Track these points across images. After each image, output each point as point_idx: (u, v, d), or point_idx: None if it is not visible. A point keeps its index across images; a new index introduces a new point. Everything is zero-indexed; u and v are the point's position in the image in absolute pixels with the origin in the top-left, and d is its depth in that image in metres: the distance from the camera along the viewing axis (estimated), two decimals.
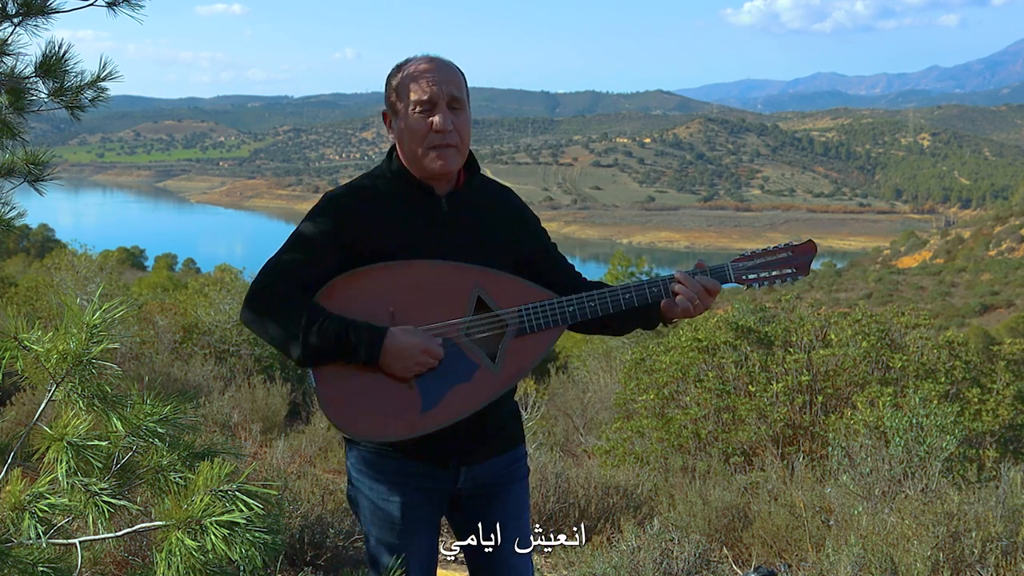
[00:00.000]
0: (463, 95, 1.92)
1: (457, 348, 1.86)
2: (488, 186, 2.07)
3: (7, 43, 2.25)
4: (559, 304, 1.92)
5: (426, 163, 1.90)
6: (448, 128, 1.87)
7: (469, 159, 2.00)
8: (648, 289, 1.95)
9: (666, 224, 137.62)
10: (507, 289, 1.91)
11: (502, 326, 1.89)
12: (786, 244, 2.05)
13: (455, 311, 1.87)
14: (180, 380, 7.12)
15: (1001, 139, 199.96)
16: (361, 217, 1.90)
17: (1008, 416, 5.36)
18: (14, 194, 2.56)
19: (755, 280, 2.03)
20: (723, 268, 2.01)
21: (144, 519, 1.67)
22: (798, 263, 2.04)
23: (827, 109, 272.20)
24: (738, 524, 4.06)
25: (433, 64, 1.91)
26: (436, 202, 1.94)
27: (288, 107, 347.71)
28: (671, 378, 5.96)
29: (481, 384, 1.87)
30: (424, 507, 1.98)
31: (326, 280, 1.86)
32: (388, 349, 1.79)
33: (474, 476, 2.00)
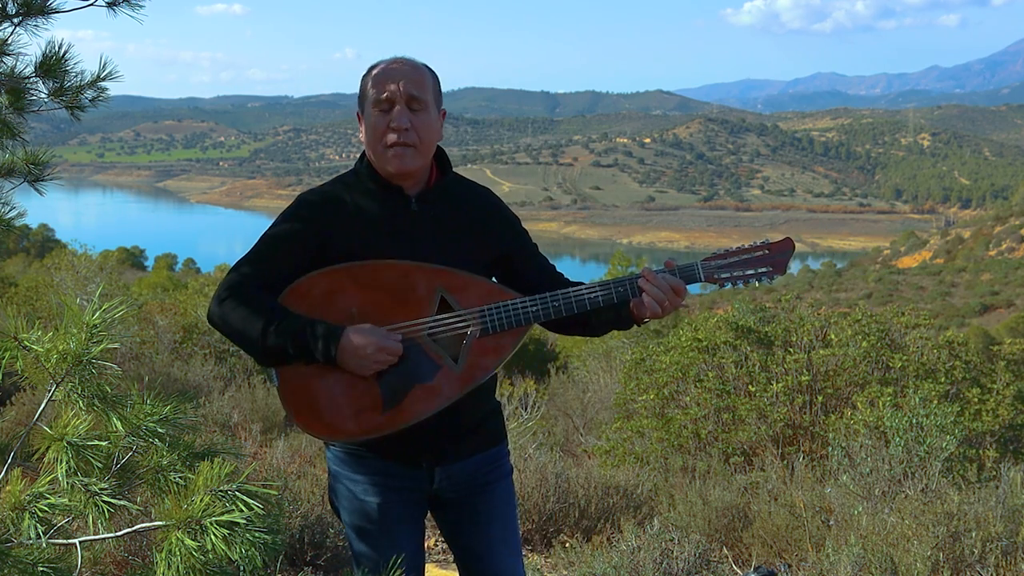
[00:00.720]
0: (425, 95, 1.90)
1: (419, 348, 1.86)
2: (463, 186, 2.06)
3: (7, 43, 2.25)
4: (522, 304, 1.90)
5: (382, 162, 1.91)
6: (404, 126, 1.86)
7: (442, 159, 2.00)
8: (615, 289, 1.92)
9: (666, 224, 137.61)
10: (471, 289, 1.89)
11: (465, 326, 1.88)
12: (763, 242, 1.99)
13: (418, 311, 1.87)
14: (180, 380, 7.12)
15: (1001, 139, 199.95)
16: (330, 218, 1.91)
17: (1008, 416, 5.36)
18: (14, 194, 2.56)
19: (727, 279, 1.97)
20: (692, 267, 1.96)
21: (144, 519, 1.67)
22: (774, 261, 1.97)
23: (827, 109, 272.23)
24: (738, 524, 4.06)
25: (397, 64, 1.92)
26: (405, 202, 1.94)
27: (288, 107, 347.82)
28: (671, 378, 5.96)
29: (443, 384, 1.86)
30: (401, 506, 1.98)
31: (292, 279, 1.87)
32: (345, 348, 1.79)
33: (450, 476, 1.99)
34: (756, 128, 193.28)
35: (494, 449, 2.07)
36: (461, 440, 1.99)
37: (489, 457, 2.06)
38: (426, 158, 1.94)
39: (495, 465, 2.07)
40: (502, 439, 2.11)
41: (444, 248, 1.93)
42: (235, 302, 1.84)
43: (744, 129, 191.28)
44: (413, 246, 1.91)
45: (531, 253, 2.08)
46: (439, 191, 1.98)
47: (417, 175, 1.95)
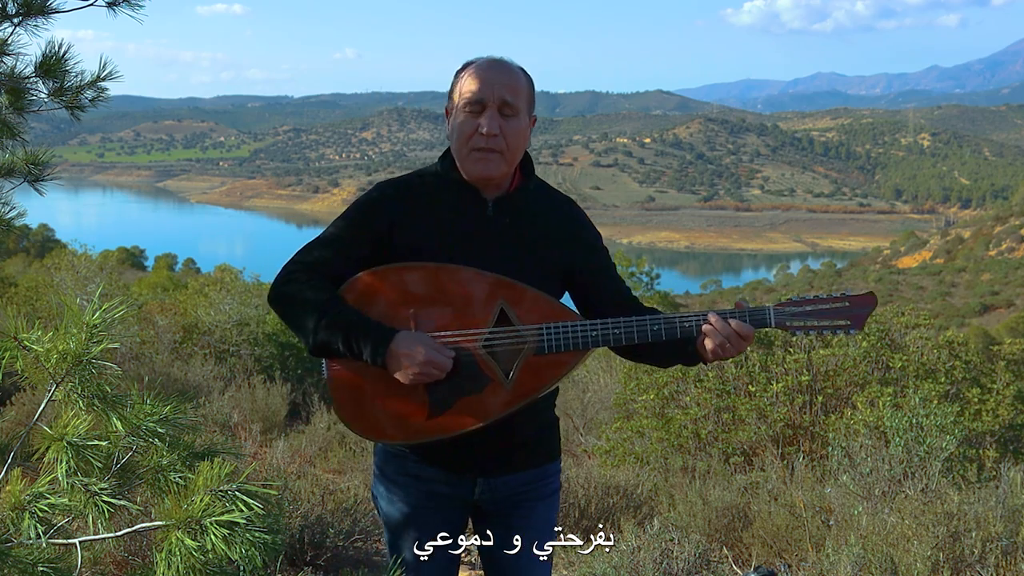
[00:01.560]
0: (519, 102, 1.84)
1: (472, 359, 1.81)
2: (546, 194, 1.98)
3: (7, 43, 2.25)
4: (582, 327, 1.83)
5: (467, 165, 1.85)
6: (494, 132, 1.80)
7: (526, 164, 1.94)
8: (679, 324, 1.83)
9: (666, 224, 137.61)
10: (533, 305, 1.83)
11: (521, 342, 1.82)
12: (843, 293, 1.88)
13: (477, 321, 1.82)
14: (180, 380, 7.12)
15: (1001, 139, 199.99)
16: (402, 211, 1.86)
17: (1008, 416, 5.36)
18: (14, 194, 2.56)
19: (800, 328, 1.86)
20: (764, 312, 1.85)
21: (144, 519, 1.67)
22: (853, 315, 1.86)
23: (827, 109, 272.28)
24: (738, 524, 4.06)
25: (494, 65, 1.85)
26: (482, 205, 1.89)
27: (288, 107, 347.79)
28: (671, 378, 5.96)
29: (491, 398, 1.81)
30: (440, 512, 1.94)
31: (358, 269, 1.83)
32: (393, 352, 1.74)
33: (492, 488, 1.94)
34: (756, 128, 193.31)
35: (544, 466, 2.01)
36: (509, 454, 1.94)
37: (535, 475, 1.99)
38: (511, 165, 1.88)
39: (541, 483, 2.01)
40: (553, 458, 2.04)
41: (514, 257, 1.87)
42: (294, 287, 1.80)
43: (744, 129, 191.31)
44: (482, 252, 1.85)
45: (605, 272, 1.99)
46: (518, 198, 1.92)
47: (499, 180, 1.89)
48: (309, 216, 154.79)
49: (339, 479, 5.08)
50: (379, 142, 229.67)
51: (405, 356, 1.74)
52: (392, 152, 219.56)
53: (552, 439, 2.04)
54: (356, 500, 4.07)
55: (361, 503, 4.08)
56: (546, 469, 2.01)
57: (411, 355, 1.74)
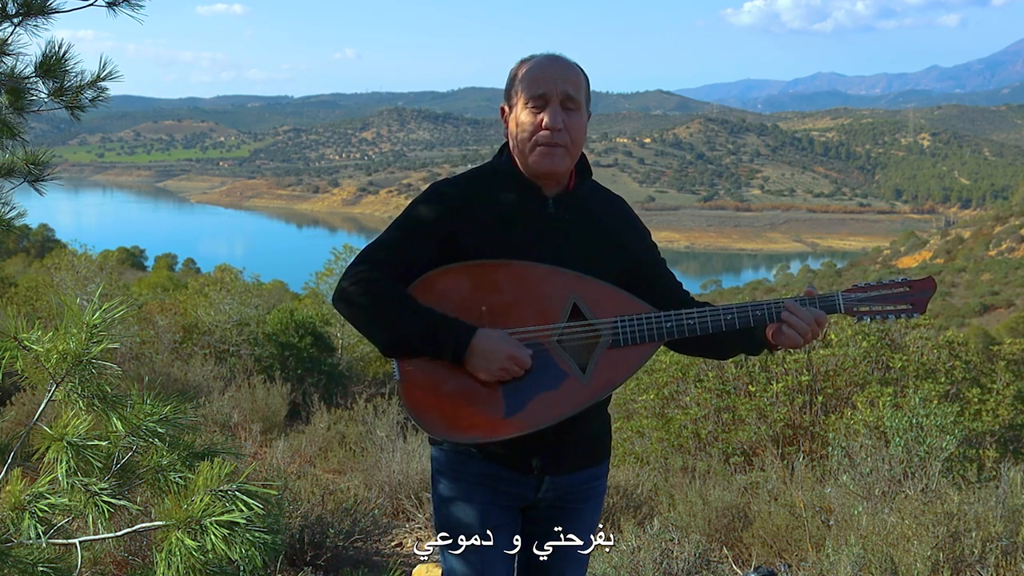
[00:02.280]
0: (580, 96, 1.86)
1: (547, 354, 1.80)
2: (600, 192, 2.00)
3: (7, 43, 2.25)
4: (657, 319, 1.84)
5: (531, 160, 1.85)
6: (558, 126, 1.81)
7: (582, 162, 1.95)
8: (752, 312, 1.85)
9: (666, 224, 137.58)
10: (604, 298, 1.83)
11: (596, 336, 1.82)
12: (904, 279, 1.95)
13: (549, 316, 1.81)
14: (180, 380, 7.11)
15: (1001, 139, 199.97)
16: (465, 210, 1.86)
17: (1008, 416, 5.36)
18: (14, 194, 2.56)
19: (867, 313, 1.92)
20: (833, 298, 1.90)
21: (144, 519, 1.67)
22: (915, 299, 1.94)
23: (827, 109, 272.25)
24: (738, 524, 4.06)
25: (554, 61, 1.87)
26: (543, 202, 1.89)
27: (288, 107, 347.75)
28: (671, 378, 5.96)
29: (568, 393, 1.80)
30: (500, 512, 1.92)
31: (423, 270, 1.82)
32: (475, 349, 1.74)
33: (556, 487, 1.93)
34: (756, 128, 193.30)
35: (599, 466, 2.02)
36: (575, 451, 1.93)
37: (593, 473, 2.00)
38: (574, 159, 1.89)
39: (595, 483, 2.01)
40: (607, 455, 2.06)
41: (578, 253, 1.87)
42: (364, 287, 1.79)
43: (744, 129, 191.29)
44: (547, 248, 1.85)
45: (661, 268, 2.02)
46: (577, 195, 1.93)
47: (560, 176, 1.89)
48: (309, 216, 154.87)
49: (339, 479, 5.08)
50: (379, 142, 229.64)
51: (488, 353, 1.75)
52: (392, 152, 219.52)
53: (608, 437, 2.05)
54: (356, 500, 4.07)
55: (361, 503, 4.08)
56: (601, 467, 2.03)
57: (493, 351, 1.75)
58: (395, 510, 4.62)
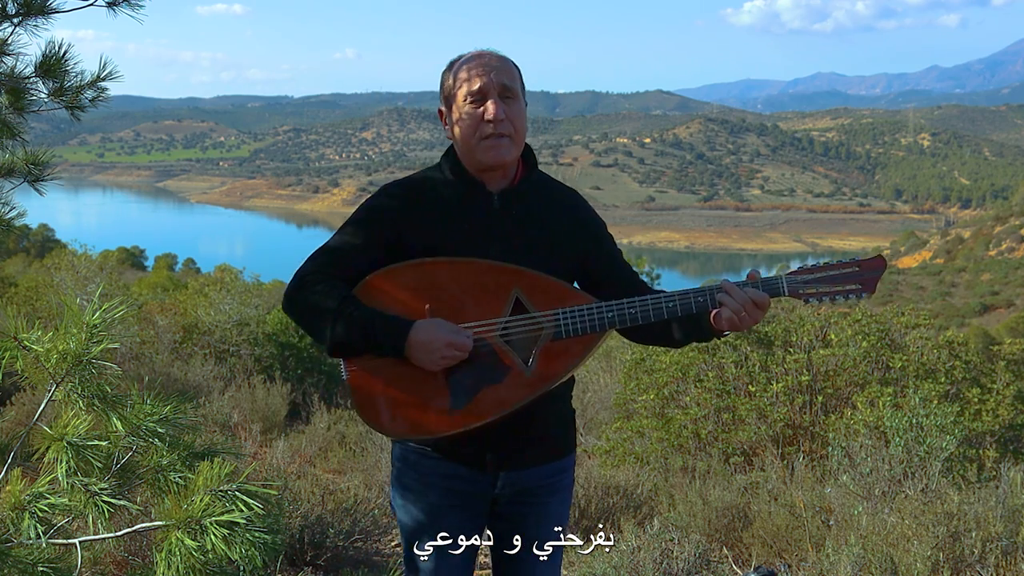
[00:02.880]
0: (516, 85, 1.89)
1: (491, 349, 1.82)
2: (549, 185, 2.01)
3: (7, 43, 2.25)
4: (598, 309, 1.85)
5: (479, 154, 1.87)
6: (500, 117, 1.84)
7: (528, 156, 1.96)
8: (693, 298, 1.85)
9: (666, 224, 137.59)
10: (547, 292, 1.85)
11: (538, 329, 1.84)
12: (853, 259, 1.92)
13: (492, 311, 1.83)
14: (180, 380, 7.11)
15: (1001, 139, 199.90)
16: (410, 211, 1.89)
17: (1008, 416, 5.36)
18: (14, 194, 2.56)
19: (813, 295, 1.89)
20: (777, 281, 1.88)
21: (144, 519, 1.67)
22: (864, 279, 1.89)
23: (827, 109, 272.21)
24: (738, 524, 4.06)
25: (484, 56, 1.90)
26: (488, 198, 1.91)
27: (288, 107, 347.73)
28: (671, 378, 5.96)
29: (513, 386, 1.82)
30: (461, 510, 1.94)
31: (369, 271, 1.85)
32: (413, 341, 1.76)
33: (513, 482, 1.95)
34: (756, 128, 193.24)
35: (562, 460, 2.02)
36: (530, 446, 1.94)
37: (554, 468, 2.00)
38: (520, 149, 1.92)
39: (558, 476, 2.02)
40: (571, 449, 2.05)
41: (523, 248, 1.89)
42: (309, 290, 1.82)
43: (744, 129, 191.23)
44: (492, 244, 1.87)
45: (613, 259, 2.03)
46: (523, 188, 1.95)
47: (506, 169, 1.92)
48: (309, 216, 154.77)
49: (339, 479, 5.08)
50: (379, 142, 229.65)
51: (427, 341, 1.77)
52: (392, 152, 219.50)
53: (570, 431, 2.05)
54: (356, 500, 4.07)
55: (361, 503, 4.08)
56: (564, 462, 2.03)
57: (433, 339, 1.77)
58: None
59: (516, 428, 1.88)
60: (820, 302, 1.90)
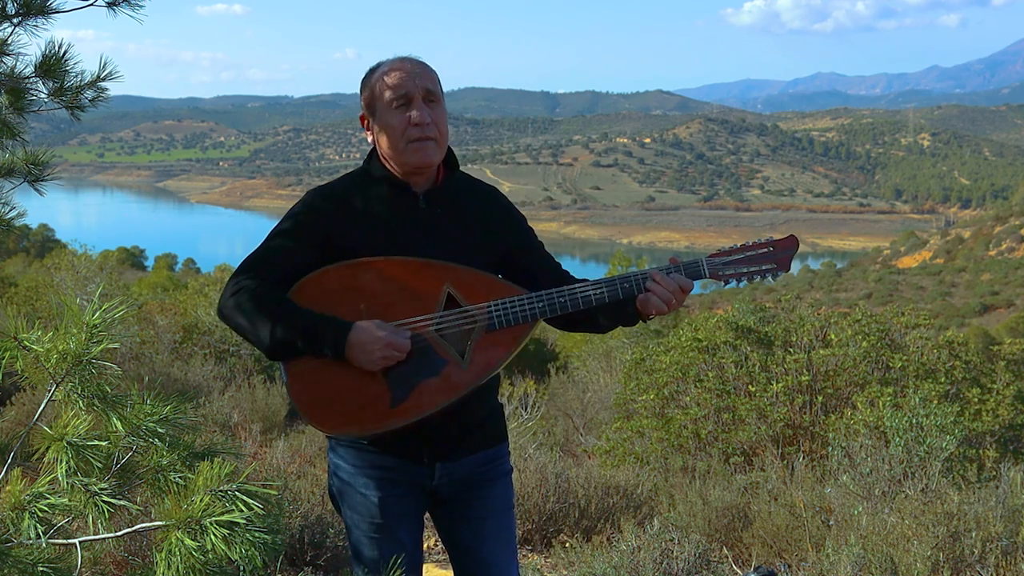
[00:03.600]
0: (437, 89, 1.95)
1: (427, 344, 1.87)
2: (469, 184, 2.08)
3: (7, 43, 2.25)
4: (529, 300, 1.92)
5: (407, 156, 1.92)
6: (426, 121, 1.90)
7: (449, 157, 2.02)
8: (620, 285, 1.93)
9: (666, 224, 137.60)
10: (478, 286, 1.91)
11: (472, 322, 1.89)
12: (767, 239, 2.00)
13: (426, 307, 1.89)
14: (180, 380, 7.12)
15: (1001, 139, 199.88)
16: (336, 214, 1.94)
17: (1008, 416, 5.36)
18: (14, 194, 2.56)
19: (732, 276, 1.98)
20: (697, 264, 1.97)
21: (144, 519, 1.67)
22: (778, 258, 1.99)
23: (827, 109, 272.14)
24: (738, 524, 4.06)
25: (405, 62, 1.95)
26: (413, 199, 1.97)
27: (288, 107, 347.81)
28: (671, 378, 5.96)
29: (451, 379, 1.88)
30: (402, 501, 1.99)
31: (303, 274, 1.89)
32: (353, 342, 1.81)
33: (450, 472, 2.00)
34: (756, 128, 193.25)
35: (495, 448, 2.08)
36: (463, 437, 2.00)
37: (489, 456, 2.07)
38: (443, 151, 1.97)
39: (495, 464, 2.08)
40: (503, 438, 2.12)
41: (451, 245, 1.95)
42: (244, 296, 1.86)
43: (744, 129, 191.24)
44: (421, 243, 1.93)
45: (537, 251, 2.10)
46: (446, 188, 2.01)
47: (430, 171, 1.97)
48: None
49: None
50: None
51: (366, 342, 1.81)
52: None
53: (500, 422, 2.12)
54: None
55: None
56: (498, 450, 2.09)
57: (371, 340, 1.81)
58: None
59: (450, 421, 1.94)
60: (739, 283, 1.99)
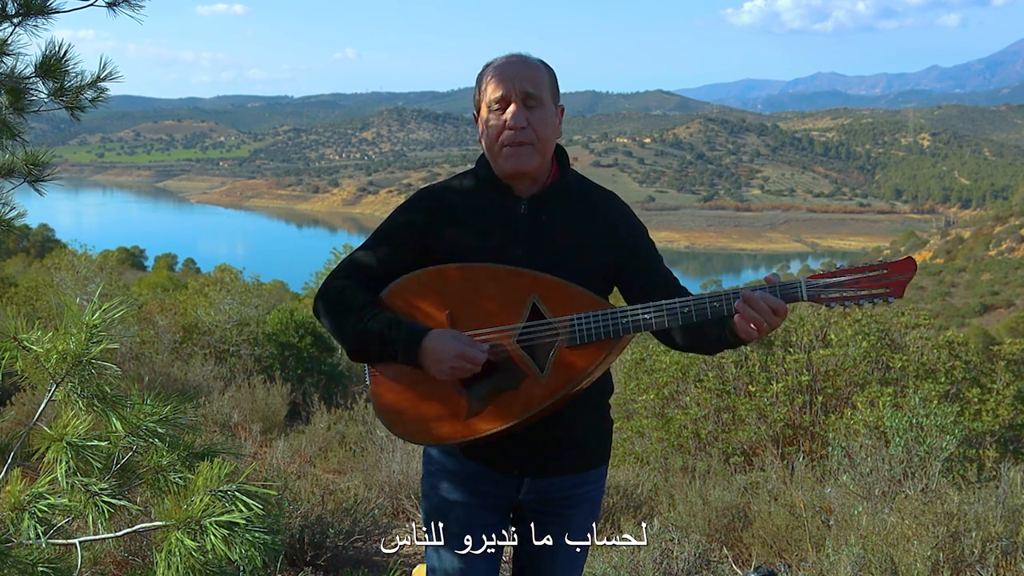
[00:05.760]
0: (541, 92, 1.87)
1: (507, 355, 1.83)
2: (581, 190, 1.97)
3: (7, 43, 2.25)
4: (612, 315, 1.81)
5: (500, 161, 1.88)
6: (520, 125, 1.83)
7: (562, 158, 1.95)
8: (709, 304, 1.78)
9: (666, 224, 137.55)
10: (565, 298, 1.83)
11: (554, 335, 1.83)
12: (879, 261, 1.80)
13: (510, 317, 1.84)
14: (180, 380, 7.11)
15: (1001, 139, 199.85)
16: (438, 218, 1.91)
17: (1008, 416, 5.36)
18: (14, 194, 2.56)
19: (836, 300, 1.78)
20: (796, 286, 1.77)
21: (144, 519, 1.67)
22: (893, 282, 1.77)
23: (827, 109, 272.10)
24: (738, 524, 4.06)
25: (511, 61, 1.89)
26: (515, 204, 1.91)
27: (288, 107, 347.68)
28: (671, 378, 5.96)
29: (528, 392, 1.82)
30: (483, 511, 1.94)
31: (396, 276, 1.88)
32: (425, 351, 1.79)
33: (538, 490, 1.94)
34: (756, 128, 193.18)
35: (589, 472, 1.99)
36: (557, 454, 1.92)
37: (582, 479, 1.98)
38: (545, 156, 1.89)
39: (586, 487, 1.99)
40: (603, 462, 2.03)
41: (549, 254, 1.87)
42: (334, 295, 1.87)
43: (744, 129, 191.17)
44: (515, 250, 1.87)
45: (649, 265, 1.97)
46: (554, 193, 1.93)
47: (535, 174, 1.90)
48: (309, 216, 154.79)
49: (339, 479, 5.08)
50: (379, 142, 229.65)
51: (437, 353, 1.78)
52: (392, 152, 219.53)
53: (603, 442, 2.02)
54: (356, 500, 4.07)
55: (361, 503, 4.08)
56: (593, 473, 2.00)
57: (443, 350, 1.78)
58: (395, 510, 4.62)
59: (544, 435, 1.88)
60: (843, 307, 1.81)
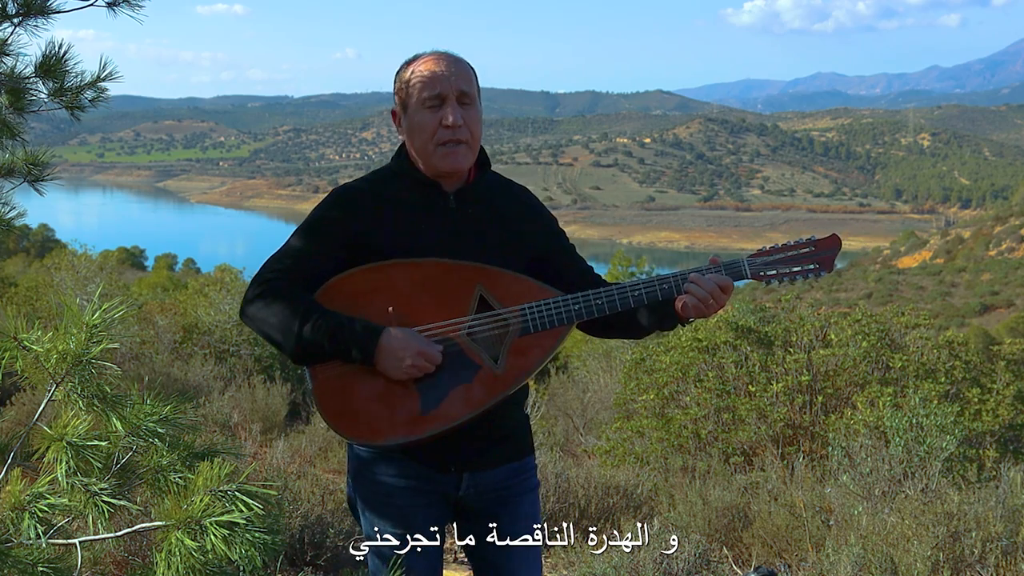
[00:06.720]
0: (473, 90, 1.87)
1: (458, 348, 1.80)
2: (501, 184, 2.01)
3: (7, 43, 2.25)
4: (564, 302, 1.84)
5: (436, 160, 1.86)
6: (459, 123, 1.83)
7: (480, 155, 1.95)
8: (659, 286, 1.85)
9: (666, 224, 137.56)
10: (511, 288, 1.84)
11: (505, 325, 1.82)
12: (808, 238, 1.95)
13: (457, 310, 1.82)
14: (180, 380, 7.11)
15: (1001, 139, 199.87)
16: (366, 213, 1.87)
17: (1008, 416, 5.36)
18: (14, 194, 2.56)
19: (774, 276, 1.93)
20: (738, 264, 1.90)
21: (144, 519, 1.67)
22: (821, 258, 1.94)
23: (827, 109, 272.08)
24: (738, 524, 4.06)
25: (442, 59, 1.87)
26: (444, 199, 1.90)
27: (288, 107, 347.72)
28: (671, 378, 5.96)
29: (484, 385, 1.81)
30: (425, 510, 1.92)
31: (329, 276, 1.83)
32: (383, 349, 1.75)
33: (477, 484, 1.94)
34: (756, 128, 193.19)
35: (523, 460, 2.02)
36: (492, 447, 1.94)
37: (518, 468, 2.00)
38: (476, 154, 1.91)
39: (522, 477, 2.01)
40: (530, 451, 2.06)
41: (482, 246, 1.88)
42: (270, 298, 1.79)
43: (744, 129, 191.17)
44: (451, 244, 1.86)
45: (569, 254, 2.03)
46: (478, 188, 1.94)
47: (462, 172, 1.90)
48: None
49: (339, 479, 5.08)
50: (379, 142, 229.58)
51: (396, 351, 1.75)
52: (392, 152, 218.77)
53: (527, 434, 2.06)
54: None
55: None
56: (526, 463, 2.03)
57: (402, 350, 1.75)
58: None
59: (479, 430, 1.87)
60: (781, 283, 1.94)
